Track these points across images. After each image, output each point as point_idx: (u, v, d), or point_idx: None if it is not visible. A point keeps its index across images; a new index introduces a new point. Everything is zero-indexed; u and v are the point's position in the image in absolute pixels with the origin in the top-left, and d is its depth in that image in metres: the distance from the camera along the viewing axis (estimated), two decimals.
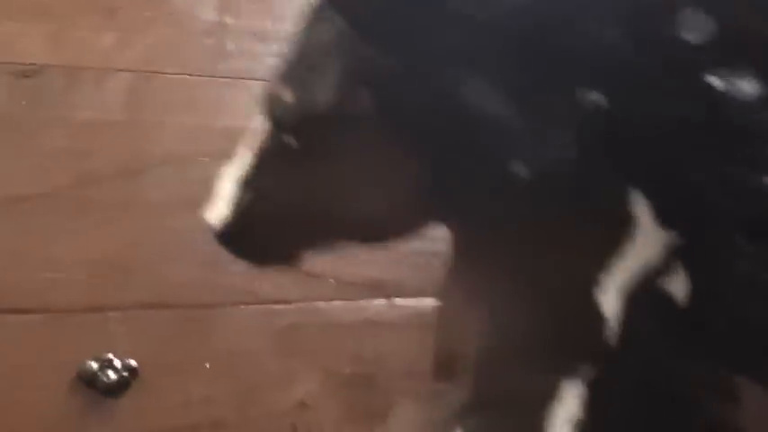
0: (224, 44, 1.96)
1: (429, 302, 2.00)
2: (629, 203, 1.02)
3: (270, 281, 1.94)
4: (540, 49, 0.98)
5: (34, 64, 1.82)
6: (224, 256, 1.81)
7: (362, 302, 2.05)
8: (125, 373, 1.83)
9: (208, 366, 1.90)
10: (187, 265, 1.91)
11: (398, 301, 2.08)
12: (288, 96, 1.05)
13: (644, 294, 1.01)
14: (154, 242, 1.88)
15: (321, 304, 2.00)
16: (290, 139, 1.05)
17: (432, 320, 2.07)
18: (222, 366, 1.90)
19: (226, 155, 1.87)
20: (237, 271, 1.80)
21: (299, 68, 1.06)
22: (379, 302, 2.06)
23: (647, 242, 1.02)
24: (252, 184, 1.12)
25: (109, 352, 1.84)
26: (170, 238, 1.90)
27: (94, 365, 1.81)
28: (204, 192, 1.85)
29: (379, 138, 1.02)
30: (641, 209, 1.01)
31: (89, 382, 1.80)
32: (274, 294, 1.93)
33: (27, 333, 1.78)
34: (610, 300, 1.01)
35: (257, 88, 1.30)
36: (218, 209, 1.15)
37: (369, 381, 2.01)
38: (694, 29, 0.97)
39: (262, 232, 1.15)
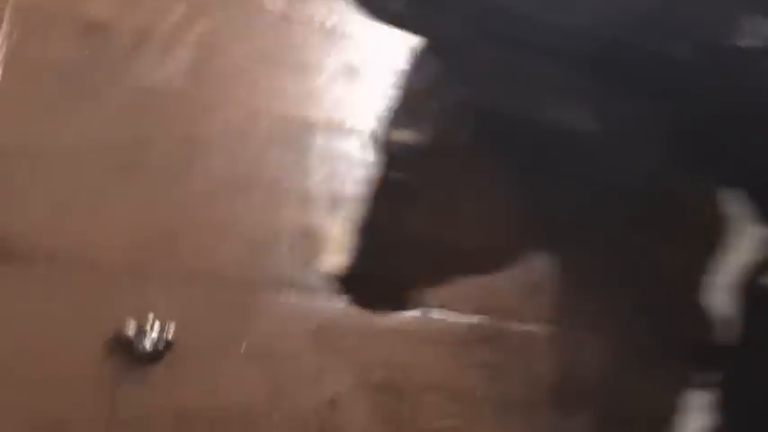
0: (289, 34, 1.96)
1: (464, 319, 2.01)
2: (723, 204, 1.03)
3: (316, 273, 1.89)
4: (618, 69, 1.03)
5: (103, 22, 1.79)
6: (273, 238, 1.81)
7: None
8: (161, 343, 1.73)
9: (243, 349, 1.81)
10: (236, 241, 1.87)
11: (434, 313, 2.05)
12: (397, 136, 1.13)
13: (752, 290, 1.01)
14: (204, 214, 1.84)
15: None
16: (399, 176, 1.12)
17: (466, 337, 2.09)
18: (257, 351, 1.84)
19: (281, 139, 1.90)
20: (285, 258, 1.79)
21: (404, 110, 1.14)
22: (415, 313, 2.03)
23: (745, 239, 1.03)
24: (365, 229, 1.16)
25: (148, 319, 1.74)
26: (220, 213, 1.86)
27: (132, 330, 1.71)
28: (258, 172, 1.86)
29: (478, 163, 1.09)
30: (735, 208, 1.03)
31: (125, 346, 1.70)
32: (319, 287, 1.88)
33: (68, 287, 1.69)
34: (720, 300, 1.01)
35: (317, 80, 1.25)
36: (337, 256, 1.19)
37: (398, 389, 1.95)
38: (754, 33, 1.00)
39: (378, 275, 1.20)
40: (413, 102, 1.18)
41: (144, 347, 1.71)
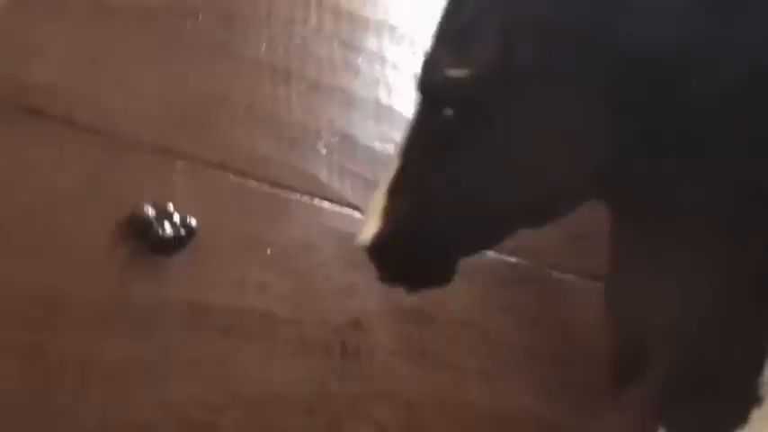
0: None
1: (502, 257, 1.84)
2: None
3: (351, 184, 1.73)
4: None
5: None
6: (310, 139, 1.63)
7: None
8: (182, 231, 1.55)
9: (269, 252, 1.63)
10: (270, 137, 1.71)
11: None
12: (445, 63, 0.96)
13: None
14: (239, 100, 1.66)
15: None
16: (448, 112, 0.95)
17: (502, 277, 1.91)
18: (284, 257, 1.66)
19: (329, 35, 1.73)
20: (321, 162, 1.62)
21: (454, 33, 0.98)
22: None
23: None
24: (404, 188, 1.01)
25: (169, 203, 1.55)
26: (258, 102, 1.69)
27: (151, 212, 1.53)
28: (300, 65, 1.69)
29: (542, 94, 0.93)
30: None
31: (141, 229, 1.52)
32: (354, 199, 1.70)
33: (85, 155, 1.52)
34: None
35: None
36: (370, 225, 1.02)
37: (427, 320, 1.77)
38: None
39: (417, 240, 1.02)
40: (465, 22, 0.99)
41: (163, 234, 1.51)
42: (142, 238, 1.53)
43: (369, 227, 1.03)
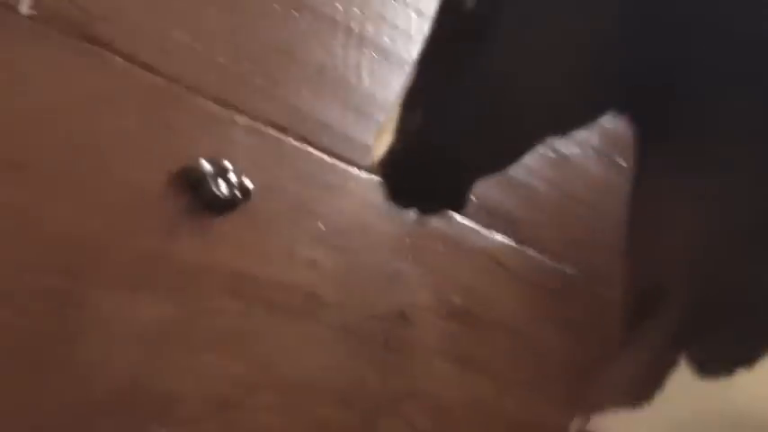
0: None
1: (557, 265, 1.72)
2: None
3: None
4: None
5: None
6: (376, 111, 1.51)
7: (487, 233, 1.72)
8: (236, 191, 1.42)
9: (320, 225, 1.51)
10: (337, 105, 1.60)
11: (530, 250, 1.77)
12: None
13: None
14: (311, 61, 1.56)
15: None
16: (470, 3, 0.88)
17: (554, 285, 1.80)
18: (335, 233, 1.55)
19: None
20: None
21: None
22: (509, 242, 1.74)
23: None
24: (418, 99, 0.93)
25: (226, 160, 1.43)
26: (329, 65, 1.59)
27: (207, 167, 1.40)
28: (374, 30, 1.56)
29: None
30: None
31: (195, 183, 1.39)
32: None
33: (146, 94, 1.38)
34: None
35: None
36: (383, 139, 0.95)
37: (474, 321, 1.66)
38: None
39: (430, 155, 0.94)
40: None
41: (217, 191, 1.39)
42: (194, 193, 1.40)
43: (381, 141, 0.95)
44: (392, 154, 0.94)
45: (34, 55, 1.34)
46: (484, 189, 1.42)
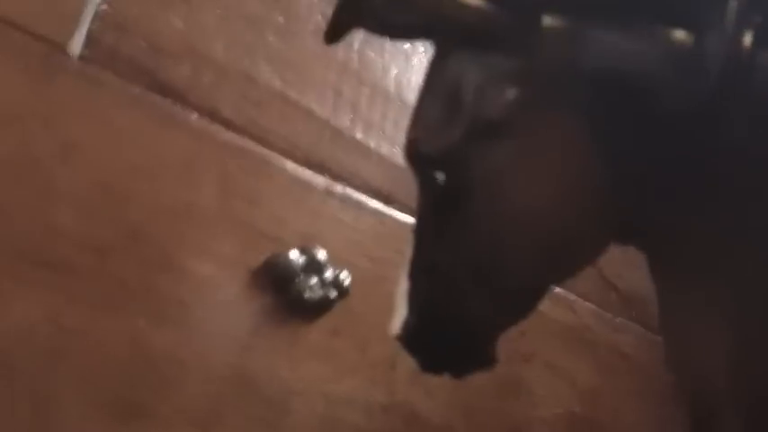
0: None
1: None
2: None
3: None
4: None
5: None
6: None
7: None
8: (332, 291, 1.12)
9: None
10: None
11: None
12: (432, 130, 0.89)
13: None
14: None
15: None
16: (440, 176, 0.88)
17: None
18: None
19: None
20: None
21: (434, 104, 0.90)
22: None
23: None
24: (420, 268, 0.93)
25: (321, 249, 1.11)
26: None
27: (297, 258, 1.09)
28: None
29: (524, 141, 0.86)
30: None
31: (281, 281, 1.09)
32: None
33: (225, 159, 1.09)
34: None
35: None
36: (397, 315, 0.94)
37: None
38: None
39: (443, 324, 0.93)
40: (439, 89, 0.90)
41: (308, 292, 1.08)
42: (280, 293, 1.09)
43: (397, 316, 0.95)
44: (408, 328, 0.93)
45: (85, 107, 1.06)
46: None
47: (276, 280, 1.13)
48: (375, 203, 1.26)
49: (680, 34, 0.83)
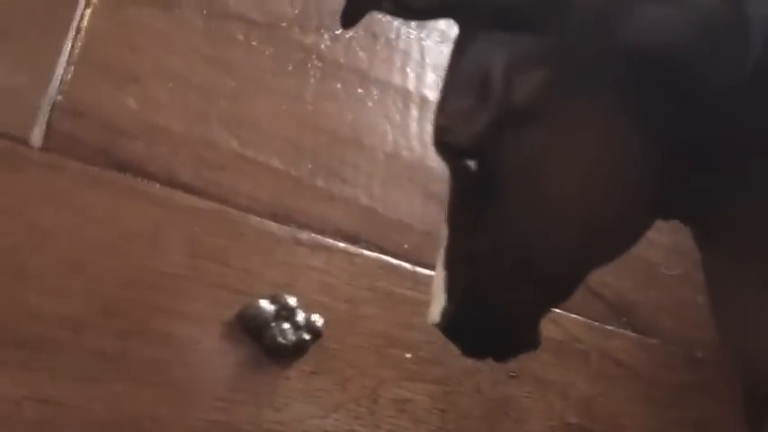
0: None
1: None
2: None
3: None
4: None
5: None
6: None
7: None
8: (305, 334, 1.17)
9: (408, 357, 1.25)
10: (417, 195, 1.39)
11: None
12: (459, 118, 0.87)
13: None
14: (380, 146, 1.29)
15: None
16: (471, 167, 0.86)
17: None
18: (425, 362, 1.27)
19: None
20: None
21: (460, 90, 0.88)
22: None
23: None
24: (457, 257, 0.91)
25: (291, 296, 1.17)
26: (401, 147, 1.29)
27: (269, 307, 1.15)
28: None
29: (558, 126, 0.83)
30: None
31: (255, 331, 1.14)
32: None
33: (191, 223, 1.15)
34: None
35: None
36: (436, 301, 0.94)
37: None
38: None
39: (486, 309, 0.92)
40: (466, 75, 0.88)
41: (282, 338, 1.14)
42: (255, 342, 1.15)
43: (435, 304, 0.94)
44: (449, 316, 0.92)
45: (50, 193, 1.14)
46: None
47: (250, 330, 1.18)
48: (343, 245, 1.31)
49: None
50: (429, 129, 1.42)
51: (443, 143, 0.88)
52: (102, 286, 1.13)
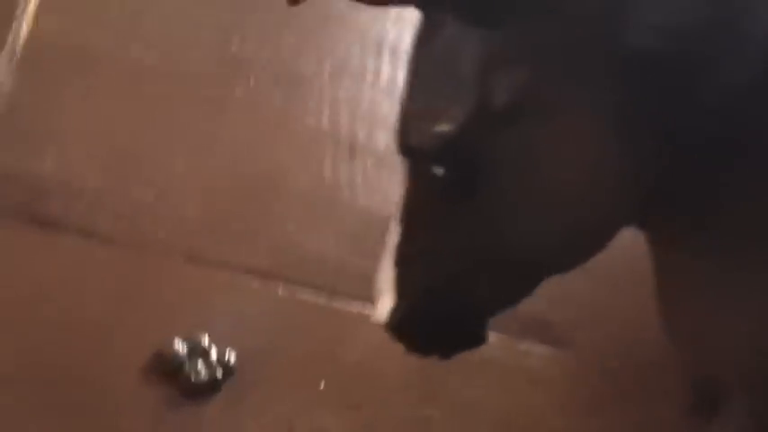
0: None
1: None
2: None
3: None
4: None
5: None
6: (376, 234, 1.30)
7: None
8: (218, 371, 1.26)
9: (322, 386, 1.32)
10: (330, 233, 1.43)
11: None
12: (426, 119, 0.84)
13: None
14: (295, 187, 1.44)
15: None
16: (438, 171, 0.84)
17: None
18: (340, 391, 1.34)
19: None
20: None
21: (426, 88, 0.86)
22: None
23: None
24: (412, 255, 0.91)
25: (204, 335, 1.25)
26: (315, 187, 1.44)
27: (183, 348, 1.23)
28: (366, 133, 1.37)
29: (553, 125, 0.81)
30: None
31: (170, 371, 1.22)
32: None
33: (109, 272, 1.26)
34: None
35: None
36: (383, 302, 0.93)
37: None
38: None
39: (438, 308, 0.93)
40: (434, 74, 0.85)
41: (195, 377, 1.22)
42: (171, 383, 1.23)
43: (383, 302, 0.93)
44: (399, 313, 0.92)
45: None
46: None
47: (165, 371, 1.27)
48: (256, 283, 1.39)
49: None
50: (343, 166, 1.52)
51: (409, 147, 0.85)
52: (27, 340, 1.21)
